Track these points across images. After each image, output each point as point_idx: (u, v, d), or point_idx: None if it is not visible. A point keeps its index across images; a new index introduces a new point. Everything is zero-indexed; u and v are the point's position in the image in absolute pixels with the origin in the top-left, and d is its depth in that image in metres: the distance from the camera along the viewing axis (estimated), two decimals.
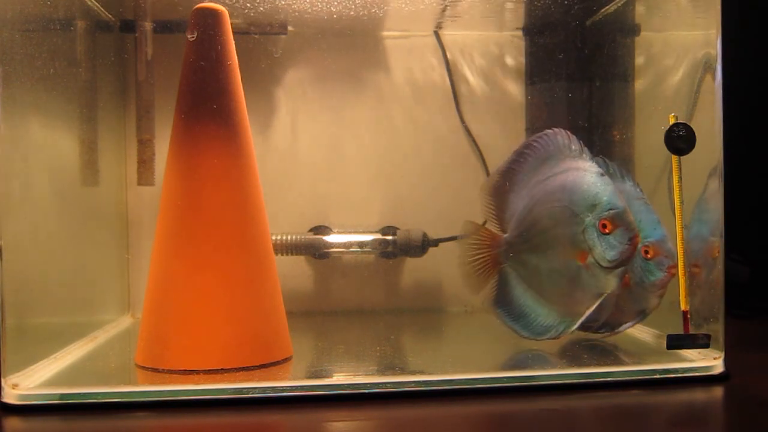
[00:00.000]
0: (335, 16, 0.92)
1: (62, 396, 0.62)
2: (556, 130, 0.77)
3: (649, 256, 0.75)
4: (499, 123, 1.04)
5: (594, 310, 0.73)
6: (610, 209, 0.71)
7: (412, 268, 1.03)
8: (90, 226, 0.88)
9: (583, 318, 0.74)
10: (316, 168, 1.02)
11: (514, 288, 0.78)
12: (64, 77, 0.79)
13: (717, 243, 0.71)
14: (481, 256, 0.79)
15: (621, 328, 0.78)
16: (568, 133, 0.76)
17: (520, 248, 0.77)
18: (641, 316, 0.77)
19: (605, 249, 0.71)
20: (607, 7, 0.93)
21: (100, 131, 0.90)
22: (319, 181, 1.02)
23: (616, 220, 0.70)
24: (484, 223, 0.83)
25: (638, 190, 0.78)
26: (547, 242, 0.75)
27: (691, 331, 0.69)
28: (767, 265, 1.05)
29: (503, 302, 0.78)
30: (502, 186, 0.80)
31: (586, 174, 0.73)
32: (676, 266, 0.70)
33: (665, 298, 0.77)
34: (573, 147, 0.75)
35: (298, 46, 1.01)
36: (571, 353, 0.76)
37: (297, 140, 1.02)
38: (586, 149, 0.75)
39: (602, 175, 0.73)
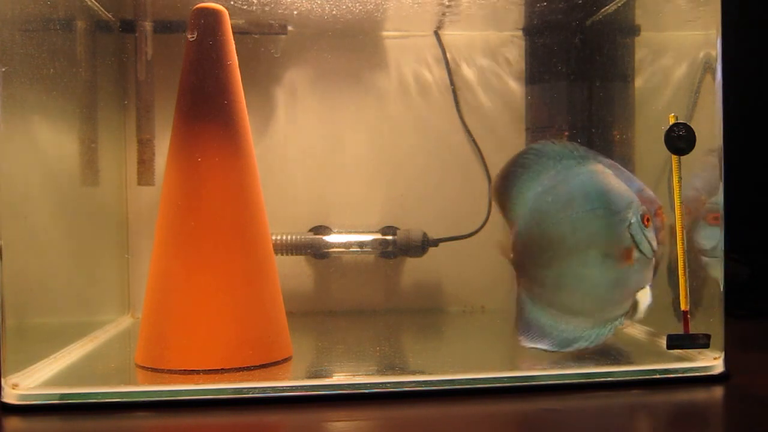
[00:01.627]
0: (336, 16, 0.92)
1: (62, 396, 0.62)
2: (544, 141, 0.76)
3: (649, 222, 0.73)
4: (499, 123, 1.04)
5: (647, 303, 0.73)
6: (642, 204, 0.72)
7: (412, 268, 1.03)
8: (90, 226, 0.88)
9: (644, 309, 0.72)
10: (316, 168, 1.02)
11: (530, 311, 0.75)
12: (64, 77, 0.79)
13: (704, 198, 0.72)
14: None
15: (641, 309, 0.73)
16: (563, 140, 0.77)
17: (530, 265, 0.75)
18: (647, 293, 0.74)
19: (651, 239, 0.72)
20: (607, 7, 0.93)
21: (100, 131, 0.90)
22: (319, 181, 1.02)
23: (649, 212, 0.73)
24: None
25: (605, 165, 0.76)
26: (570, 251, 0.72)
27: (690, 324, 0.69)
28: (767, 265, 1.05)
29: (524, 328, 0.75)
30: (501, 204, 0.78)
31: (607, 176, 0.73)
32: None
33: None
34: (575, 152, 0.75)
35: (298, 46, 1.01)
36: (571, 353, 0.76)
37: (297, 140, 1.02)
38: (591, 151, 0.75)
39: (617, 166, 0.74)
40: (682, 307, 0.69)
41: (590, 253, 0.72)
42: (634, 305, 0.73)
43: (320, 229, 1.01)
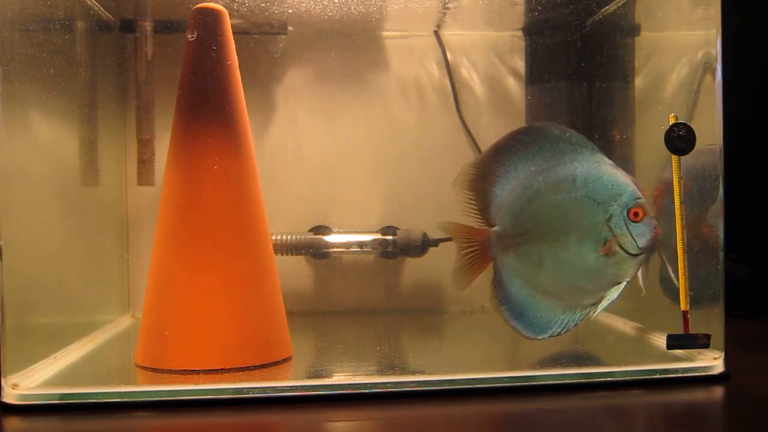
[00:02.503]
0: (336, 16, 0.92)
1: (62, 396, 0.62)
2: (541, 123, 0.77)
3: (638, 218, 0.73)
4: (499, 123, 1.04)
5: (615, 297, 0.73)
6: (637, 198, 0.72)
7: (412, 268, 1.03)
8: (90, 226, 0.88)
9: (606, 305, 0.73)
10: (316, 168, 1.02)
11: (510, 284, 0.77)
12: (64, 77, 0.79)
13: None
14: (468, 253, 0.78)
15: (600, 308, 0.75)
16: (564, 126, 0.76)
17: (515, 241, 0.76)
18: (619, 288, 0.75)
19: (637, 236, 0.72)
20: (607, 7, 0.93)
21: (100, 131, 0.90)
22: (319, 181, 1.02)
23: (645, 208, 0.72)
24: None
25: (605, 158, 0.76)
26: (554, 233, 0.74)
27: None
28: (767, 265, 1.05)
29: (504, 300, 0.77)
30: (482, 178, 0.78)
31: (601, 165, 0.74)
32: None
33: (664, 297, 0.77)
34: (573, 139, 0.75)
35: (298, 46, 1.01)
36: (571, 353, 0.76)
37: (297, 140, 1.02)
38: (590, 142, 0.76)
39: (616, 166, 0.74)
40: (682, 307, 0.69)
41: (570, 239, 0.73)
42: (600, 299, 0.74)
43: (320, 229, 1.01)
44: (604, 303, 0.74)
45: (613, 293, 0.74)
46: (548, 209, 0.75)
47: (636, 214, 0.72)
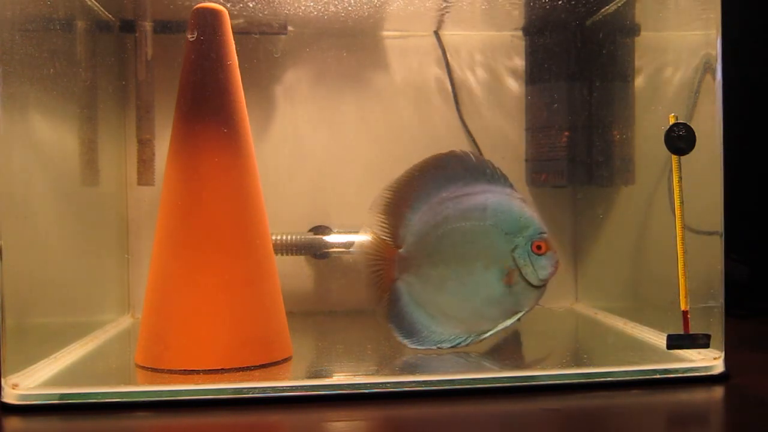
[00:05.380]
0: (336, 15, 0.92)
1: (62, 396, 0.62)
2: (461, 151, 0.79)
3: (541, 251, 0.76)
4: (499, 123, 1.04)
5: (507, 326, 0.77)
6: (542, 233, 0.76)
7: None
8: (90, 226, 0.88)
9: (496, 330, 0.76)
10: (316, 168, 1.02)
11: (406, 304, 0.79)
12: (63, 77, 0.79)
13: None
14: (377, 267, 0.80)
15: (490, 333, 0.77)
16: (481, 156, 0.79)
17: (418, 263, 0.78)
18: (515, 317, 0.77)
19: (538, 268, 0.75)
20: (607, 7, 0.93)
21: (100, 131, 0.90)
22: (319, 181, 1.02)
23: (549, 243, 0.76)
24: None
25: (516, 191, 0.79)
26: (460, 258, 0.77)
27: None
28: (767, 265, 1.05)
29: (395, 317, 0.79)
30: (396, 202, 0.80)
31: (511, 198, 0.77)
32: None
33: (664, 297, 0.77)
34: (487, 170, 0.78)
35: (298, 46, 1.01)
36: (572, 353, 0.76)
37: (297, 140, 1.02)
38: (504, 174, 0.78)
39: (524, 200, 0.78)
40: (682, 307, 0.69)
41: (476, 265, 0.76)
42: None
43: (320, 229, 1.01)
44: (498, 327, 0.76)
45: (508, 321, 0.76)
46: (455, 235, 0.77)
47: (539, 247, 0.75)
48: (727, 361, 0.69)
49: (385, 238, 0.80)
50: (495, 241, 0.76)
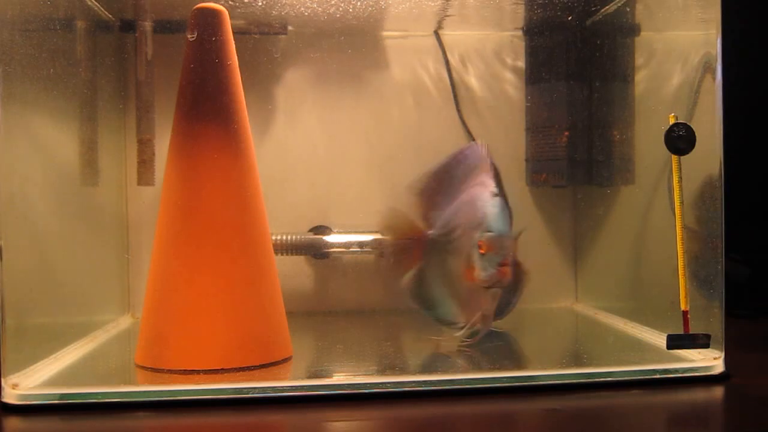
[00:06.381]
0: (336, 15, 0.92)
1: (62, 396, 0.62)
2: (480, 143, 0.80)
3: (482, 251, 0.72)
4: (499, 123, 1.04)
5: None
6: (487, 231, 0.72)
7: None
8: (90, 226, 0.88)
9: (464, 331, 0.76)
10: (316, 168, 1.02)
11: (428, 283, 0.81)
12: (64, 77, 0.79)
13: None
14: (406, 246, 0.82)
15: (461, 332, 0.77)
16: (487, 147, 0.79)
17: (441, 247, 0.79)
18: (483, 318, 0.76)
19: (480, 269, 0.72)
20: (607, 7, 0.93)
21: (100, 131, 0.90)
22: (319, 181, 1.02)
23: (490, 243, 0.72)
24: None
25: (497, 188, 0.76)
26: (457, 249, 0.77)
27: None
28: (767, 265, 1.05)
29: (418, 297, 0.81)
30: (432, 188, 0.82)
31: (483, 191, 0.75)
32: (509, 265, 0.72)
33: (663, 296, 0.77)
34: (489, 161, 0.78)
35: (298, 46, 1.01)
36: (572, 353, 0.76)
37: (297, 140, 1.02)
38: (495, 165, 0.77)
39: (495, 195, 0.74)
40: (682, 307, 0.69)
41: (462, 257, 0.75)
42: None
43: (320, 229, 1.00)
44: (465, 328, 0.76)
45: (468, 324, 0.76)
46: (459, 226, 0.78)
47: (479, 247, 0.72)
48: (727, 361, 0.69)
49: (418, 220, 0.81)
50: (471, 237, 0.76)
